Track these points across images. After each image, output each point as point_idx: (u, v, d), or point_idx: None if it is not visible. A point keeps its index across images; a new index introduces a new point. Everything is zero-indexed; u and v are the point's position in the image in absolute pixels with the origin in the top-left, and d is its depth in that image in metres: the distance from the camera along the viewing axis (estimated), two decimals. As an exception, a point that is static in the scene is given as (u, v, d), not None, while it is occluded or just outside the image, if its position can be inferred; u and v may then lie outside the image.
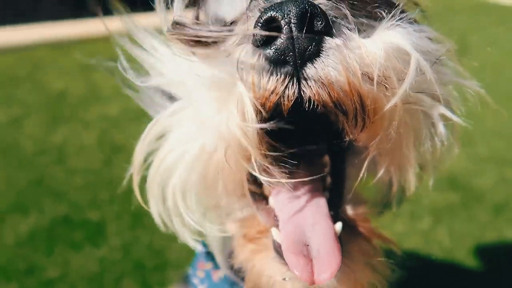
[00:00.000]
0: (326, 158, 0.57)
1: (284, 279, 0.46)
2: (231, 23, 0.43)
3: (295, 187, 0.53)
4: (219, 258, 0.68)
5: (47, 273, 1.61)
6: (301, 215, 0.51)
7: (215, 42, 0.41)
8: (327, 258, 0.45)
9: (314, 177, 0.52)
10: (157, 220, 0.52)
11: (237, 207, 0.55)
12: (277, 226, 0.52)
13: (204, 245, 0.81)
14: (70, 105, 2.90)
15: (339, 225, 0.50)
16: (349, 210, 0.57)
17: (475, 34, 4.82)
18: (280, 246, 0.48)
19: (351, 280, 0.46)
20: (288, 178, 0.45)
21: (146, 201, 0.50)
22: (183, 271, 1.45)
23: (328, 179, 0.56)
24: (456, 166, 2.43)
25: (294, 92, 0.40)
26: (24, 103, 2.89)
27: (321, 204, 0.53)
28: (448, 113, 0.46)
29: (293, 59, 0.39)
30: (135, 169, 0.49)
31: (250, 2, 0.42)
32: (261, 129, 0.40)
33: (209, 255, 0.79)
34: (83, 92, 3.09)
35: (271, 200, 0.55)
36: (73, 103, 2.92)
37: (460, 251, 1.82)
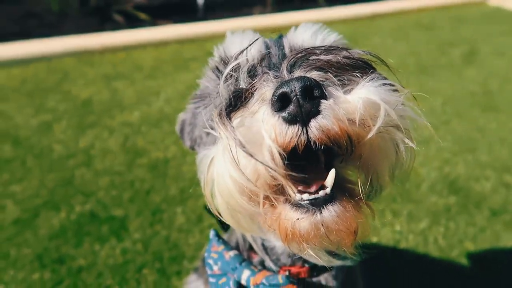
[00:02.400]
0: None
1: (298, 219, 0.64)
2: (251, 87, 0.63)
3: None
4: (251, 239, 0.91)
5: (77, 262, 1.79)
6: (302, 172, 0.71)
7: (246, 101, 0.62)
8: (318, 180, 0.66)
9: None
10: (217, 213, 0.73)
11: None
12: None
13: (216, 232, 0.96)
14: (96, 112, 3.09)
15: (333, 170, 0.67)
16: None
17: (484, 43, 4.88)
18: (291, 201, 0.66)
19: (346, 217, 0.64)
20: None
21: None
22: (197, 262, 1.59)
23: (322, 157, 0.73)
24: (457, 171, 2.51)
25: (304, 139, 0.59)
26: (54, 110, 3.10)
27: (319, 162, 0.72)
28: (406, 139, 0.65)
29: (301, 118, 0.58)
30: (205, 192, 0.71)
31: (263, 74, 0.63)
32: (283, 161, 0.60)
33: (220, 240, 0.94)
34: (107, 100, 3.29)
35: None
36: (98, 111, 3.11)
37: (456, 251, 1.90)
